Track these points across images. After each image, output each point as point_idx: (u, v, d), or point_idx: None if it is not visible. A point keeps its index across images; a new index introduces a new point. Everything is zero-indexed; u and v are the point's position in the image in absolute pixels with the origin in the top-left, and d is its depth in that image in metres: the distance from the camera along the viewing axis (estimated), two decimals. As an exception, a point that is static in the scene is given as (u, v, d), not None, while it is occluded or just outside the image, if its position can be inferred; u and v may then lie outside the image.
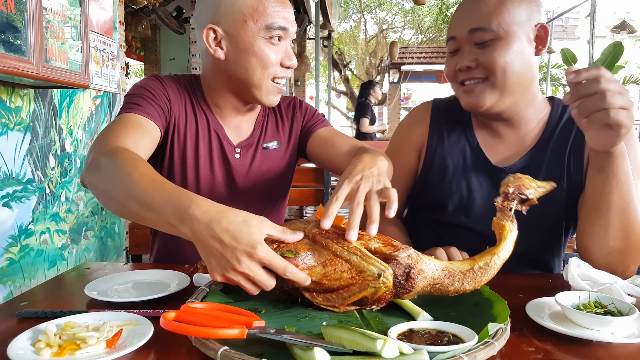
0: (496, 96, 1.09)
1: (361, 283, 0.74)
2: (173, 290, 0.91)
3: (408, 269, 0.76)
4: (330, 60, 13.62)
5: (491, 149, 1.20)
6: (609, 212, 0.97)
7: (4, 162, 1.95)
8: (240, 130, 1.27)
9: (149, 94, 1.14)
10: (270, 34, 1.10)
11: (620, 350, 0.70)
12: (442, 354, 0.62)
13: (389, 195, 0.81)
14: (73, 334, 0.69)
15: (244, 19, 1.09)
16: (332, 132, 1.30)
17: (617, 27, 10.19)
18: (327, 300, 0.76)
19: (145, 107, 1.10)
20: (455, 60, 1.12)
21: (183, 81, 1.24)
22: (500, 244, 0.81)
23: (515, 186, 0.86)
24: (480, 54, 1.07)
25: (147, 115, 1.09)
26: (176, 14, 7.41)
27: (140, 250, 1.60)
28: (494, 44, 1.06)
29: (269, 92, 1.16)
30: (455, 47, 1.13)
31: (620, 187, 0.94)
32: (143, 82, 1.18)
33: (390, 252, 0.77)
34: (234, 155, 1.24)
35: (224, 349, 0.63)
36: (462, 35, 1.10)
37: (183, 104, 1.21)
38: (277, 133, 1.31)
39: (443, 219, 1.23)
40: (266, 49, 1.11)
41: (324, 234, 0.78)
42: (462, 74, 1.11)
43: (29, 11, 1.68)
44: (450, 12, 16.48)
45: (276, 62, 1.13)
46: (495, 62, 1.05)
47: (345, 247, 0.76)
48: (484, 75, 1.08)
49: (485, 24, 1.06)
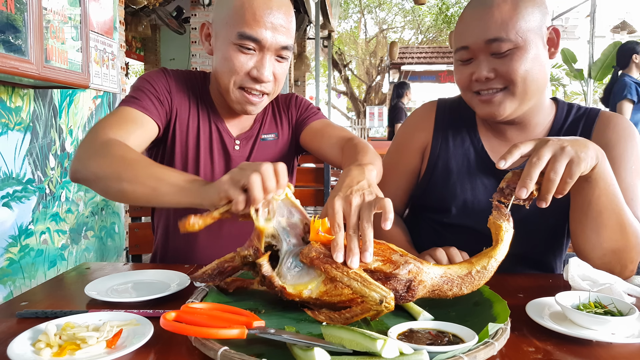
0: (516, 104, 1.07)
1: (363, 306, 0.74)
2: (173, 290, 0.91)
3: (409, 282, 0.76)
4: (330, 60, 13.63)
5: (496, 151, 1.19)
6: (600, 215, 0.96)
7: (4, 162, 1.95)
8: (240, 123, 1.29)
9: (151, 87, 1.16)
10: (240, 41, 1.08)
11: (620, 350, 0.70)
12: (442, 354, 0.62)
13: (383, 205, 0.78)
14: (73, 334, 0.69)
15: (226, 21, 1.10)
16: (324, 123, 1.31)
17: (617, 27, 10.20)
18: (329, 319, 0.76)
19: (143, 101, 1.12)
20: (469, 69, 1.09)
21: (190, 76, 1.27)
22: (497, 246, 0.81)
23: (511, 182, 0.85)
24: (498, 64, 1.05)
25: (143, 110, 1.11)
26: (176, 14, 7.41)
27: (140, 250, 1.60)
28: (513, 54, 1.03)
29: (237, 100, 1.15)
30: (468, 57, 1.09)
31: (608, 188, 0.94)
32: (148, 75, 1.20)
33: (390, 270, 0.76)
34: (234, 146, 1.26)
35: (224, 349, 0.63)
36: (477, 46, 1.06)
37: (186, 97, 1.23)
38: (275, 125, 1.33)
39: (446, 220, 1.22)
40: (234, 54, 1.09)
41: (322, 258, 0.76)
42: (478, 84, 1.09)
43: (29, 11, 1.68)
44: (450, 12, 16.49)
45: (242, 70, 1.10)
46: (515, 72, 1.03)
47: (345, 273, 0.74)
48: (503, 85, 1.06)
49: (503, 34, 1.03)
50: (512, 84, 1.05)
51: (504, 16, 1.03)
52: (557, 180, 0.84)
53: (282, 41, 1.10)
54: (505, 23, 1.03)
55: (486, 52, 1.06)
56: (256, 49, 1.09)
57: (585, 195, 0.96)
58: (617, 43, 6.65)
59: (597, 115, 1.15)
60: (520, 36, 1.03)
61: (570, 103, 1.20)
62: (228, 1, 1.11)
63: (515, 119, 1.13)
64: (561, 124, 1.16)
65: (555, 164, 0.84)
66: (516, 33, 1.03)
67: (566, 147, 0.85)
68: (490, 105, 1.09)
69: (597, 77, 6.95)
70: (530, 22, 1.04)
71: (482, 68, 1.06)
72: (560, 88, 13.41)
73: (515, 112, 1.09)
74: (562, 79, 12.43)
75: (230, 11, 1.09)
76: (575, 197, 1.00)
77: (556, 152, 0.85)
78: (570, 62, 7.40)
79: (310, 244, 0.79)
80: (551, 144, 0.86)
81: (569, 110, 1.18)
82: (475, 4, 1.09)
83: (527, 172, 0.84)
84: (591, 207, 0.96)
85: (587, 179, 0.92)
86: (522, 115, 1.12)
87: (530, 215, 1.02)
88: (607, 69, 6.75)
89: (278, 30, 1.08)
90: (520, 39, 1.03)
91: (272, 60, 1.12)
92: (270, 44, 1.09)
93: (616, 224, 0.96)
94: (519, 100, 1.07)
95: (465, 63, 1.11)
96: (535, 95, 1.08)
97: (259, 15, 1.07)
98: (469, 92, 1.13)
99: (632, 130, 1.11)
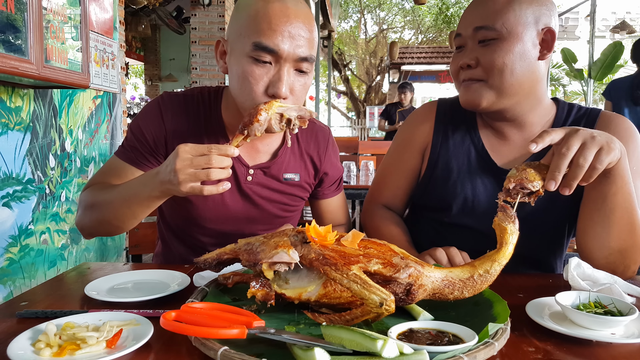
0: (493, 97, 1.08)
1: (363, 308, 0.73)
2: (173, 290, 0.90)
3: (409, 286, 0.75)
4: (330, 60, 13.63)
5: (496, 151, 1.19)
6: (613, 212, 0.96)
7: (4, 162, 1.95)
8: (255, 151, 1.19)
9: (144, 138, 1.14)
10: (255, 54, 1.00)
11: (620, 350, 0.70)
12: (442, 354, 0.62)
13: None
14: (73, 334, 0.69)
15: (240, 32, 1.02)
16: (339, 204, 1.37)
17: (617, 27, 10.20)
18: (329, 321, 0.75)
19: (136, 155, 1.15)
20: (459, 57, 1.12)
21: (195, 99, 1.18)
22: (501, 250, 0.80)
23: (517, 180, 0.84)
24: (481, 53, 1.07)
25: (135, 164, 1.15)
26: (176, 14, 7.41)
27: (140, 250, 1.60)
28: (495, 44, 1.05)
29: None
30: (460, 44, 1.12)
31: (625, 186, 0.94)
32: (143, 116, 1.16)
33: (390, 274, 0.75)
34: (246, 177, 1.18)
35: (224, 349, 0.63)
36: (467, 33, 1.09)
37: (187, 124, 1.15)
38: (298, 165, 1.25)
39: (447, 220, 1.22)
40: (248, 67, 1.01)
41: (321, 260, 0.75)
42: (463, 72, 1.11)
43: (29, 11, 1.68)
44: (450, 12, 16.50)
45: (259, 88, 1.01)
46: (494, 63, 1.05)
47: (344, 275, 0.73)
48: (483, 76, 1.07)
49: (490, 22, 1.05)
50: (490, 75, 1.06)
51: (496, 6, 1.06)
52: (586, 166, 0.85)
53: (301, 52, 1.01)
54: (496, 13, 1.05)
55: (474, 40, 1.08)
56: (272, 61, 1.01)
57: (601, 191, 0.96)
58: (616, 43, 6.64)
59: (598, 115, 1.15)
60: (505, 27, 1.04)
61: (571, 103, 1.20)
62: (242, 12, 1.04)
63: (506, 115, 1.13)
64: (562, 124, 1.16)
65: (585, 150, 0.85)
66: (502, 24, 1.04)
67: (596, 136, 0.86)
68: (468, 91, 1.10)
69: (597, 77, 6.95)
70: (521, 17, 1.04)
71: (466, 55, 1.09)
72: (560, 88, 13.41)
73: (495, 105, 1.09)
74: (562, 79, 12.44)
75: (244, 22, 1.02)
76: (590, 192, 1.00)
77: (586, 139, 0.86)
78: (570, 62, 7.39)
79: (309, 245, 0.78)
80: (582, 132, 0.86)
81: (570, 110, 1.18)
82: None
83: (555, 163, 0.85)
84: (605, 204, 0.97)
85: (606, 175, 0.93)
86: (511, 112, 1.12)
87: (531, 215, 1.02)
88: (607, 68, 6.75)
89: (296, 39, 1.00)
90: (505, 31, 1.04)
91: (290, 74, 1.02)
92: (287, 54, 1.00)
93: (627, 223, 0.97)
94: (496, 93, 1.07)
95: (458, 51, 1.14)
96: (517, 91, 1.08)
97: (275, 24, 0.99)
98: (457, 81, 1.15)
99: (633, 131, 1.11)
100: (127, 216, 1.03)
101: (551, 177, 0.85)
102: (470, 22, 1.09)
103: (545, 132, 0.87)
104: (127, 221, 1.04)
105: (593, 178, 0.87)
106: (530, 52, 1.06)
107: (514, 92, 1.08)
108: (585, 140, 0.85)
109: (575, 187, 0.87)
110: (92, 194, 1.09)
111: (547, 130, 0.87)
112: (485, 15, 1.06)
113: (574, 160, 0.85)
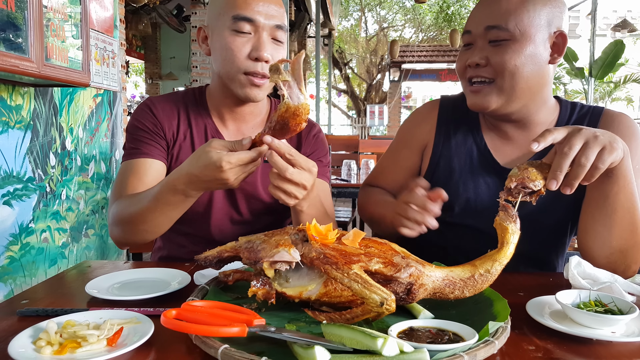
0: (502, 100, 1.07)
1: (364, 307, 0.73)
2: (174, 288, 0.91)
3: (410, 285, 0.75)
4: (330, 58, 13.62)
5: (499, 150, 1.18)
6: (615, 212, 0.96)
7: (5, 161, 1.95)
8: (241, 135, 1.24)
9: (140, 130, 1.20)
10: (235, 25, 1.11)
11: (621, 348, 0.70)
12: (443, 353, 0.62)
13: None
14: (74, 332, 0.69)
15: (219, 12, 1.14)
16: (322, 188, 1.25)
17: (618, 26, 10.19)
18: (330, 319, 0.75)
19: (141, 147, 1.18)
20: (467, 55, 1.10)
21: (181, 97, 1.27)
22: (502, 249, 0.80)
23: (519, 179, 0.84)
24: (492, 53, 1.05)
25: (145, 155, 1.17)
26: (177, 12, 7.41)
27: (141, 248, 1.60)
28: (508, 45, 1.03)
29: (241, 84, 1.15)
30: (469, 41, 1.11)
31: (627, 186, 0.94)
32: (134, 116, 1.23)
33: (391, 273, 0.75)
34: None
35: (224, 347, 0.63)
36: (477, 31, 1.08)
37: (176, 119, 1.23)
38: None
39: (449, 219, 1.21)
40: (230, 39, 1.12)
41: (322, 259, 0.75)
42: (471, 70, 1.09)
43: (30, 9, 1.68)
44: (450, 11, 16.46)
45: (242, 54, 1.12)
46: (505, 64, 1.03)
47: (345, 274, 0.73)
48: (492, 75, 1.06)
49: (503, 22, 1.03)
50: (500, 77, 1.05)
51: (509, 6, 1.04)
52: (588, 165, 0.85)
53: (276, 20, 1.14)
54: (509, 13, 1.03)
55: (484, 39, 1.07)
56: (252, 30, 1.13)
57: (604, 190, 0.96)
58: (617, 41, 6.63)
59: (601, 113, 1.15)
60: (519, 28, 1.03)
61: (574, 102, 1.19)
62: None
63: (512, 117, 1.12)
64: (565, 123, 1.16)
65: (587, 150, 0.84)
66: (515, 24, 1.03)
67: (599, 136, 0.86)
68: (477, 95, 1.09)
69: (598, 76, 6.93)
70: (534, 19, 1.03)
71: (476, 53, 1.08)
72: (561, 86, 13.40)
73: (503, 108, 1.08)
74: (563, 77, 12.42)
75: (222, 1, 1.15)
76: (593, 192, 1.00)
77: (589, 139, 0.85)
78: (571, 60, 7.38)
79: (310, 244, 0.78)
80: (584, 132, 0.86)
81: (573, 108, 1.17)
82: None
83: (557, 163, 0.84)
84: (607, 203, 0.96)
85: (608, 174, 0.92)
86: (518, 113, 1.11)
87: (532, 213, 1.02)
88: (608, 67, 6.73)
89: (270, 10, 1.13)
90: (518, 32, 1.03)
91: (269, 41, 1.14)
92: (264, 23, 1.13)
93: (629, 222, 0.96)
94: (505, 96, 1.07)
95: (466, 48, 1.12)
96: (526, 94, 1.07)
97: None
98: (463, 79, 1.14)
99: (636, 129, 1.10)
100: (164, 222, 1.06)
101: (553, 177, 0.84)
102: (482, 20, 1.07)
103: (547, 131, 0.87)
104: (165, 226, 1.08)
105: (595, 178, 0.87)
106: (542, 55, 1.05)
107: (523, 95, 1.07)
108: (588, 139, 0.85)
109: (576, 187, 0.87)
110: (121, 207, 1.10)
111: (549, 129, 0.87)
112: (498, 14, 1.04)
113: (576, 160, 0.85)
